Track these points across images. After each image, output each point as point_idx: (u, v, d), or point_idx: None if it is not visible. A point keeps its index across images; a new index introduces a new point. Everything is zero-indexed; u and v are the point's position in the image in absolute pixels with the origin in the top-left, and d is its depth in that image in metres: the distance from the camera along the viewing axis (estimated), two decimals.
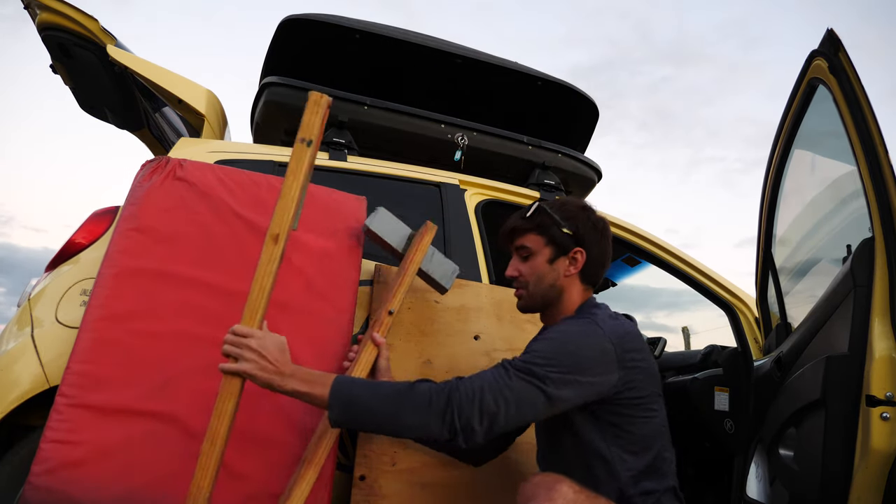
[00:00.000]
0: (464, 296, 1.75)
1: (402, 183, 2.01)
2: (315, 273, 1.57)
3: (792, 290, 1.98)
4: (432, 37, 2.37)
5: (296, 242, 1.57)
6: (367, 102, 2.16)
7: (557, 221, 1.34)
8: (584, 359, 1.17)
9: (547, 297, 1.35)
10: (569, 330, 1.24)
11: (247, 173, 1.71)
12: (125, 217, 1.52)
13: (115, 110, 2.51)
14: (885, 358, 1.28)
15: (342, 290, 1.59)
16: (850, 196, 1.57)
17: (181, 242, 1.51)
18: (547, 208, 1.36)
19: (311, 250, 1.60)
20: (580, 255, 1.34)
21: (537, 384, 1.13)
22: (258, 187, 1.65)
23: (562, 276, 1.34)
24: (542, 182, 2.29)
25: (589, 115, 2.58)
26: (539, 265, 1.34)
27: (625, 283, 3.16)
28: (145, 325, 1.38)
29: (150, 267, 1.45)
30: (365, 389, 1.14)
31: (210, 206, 1.58)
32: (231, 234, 1.55)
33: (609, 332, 1.22)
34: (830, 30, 1.48)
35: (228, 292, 1.45)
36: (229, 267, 1.50)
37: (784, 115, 1.91)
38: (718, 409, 1.97)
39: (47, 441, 1.22)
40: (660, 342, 2.24)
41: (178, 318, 1.41)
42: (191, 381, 1.34)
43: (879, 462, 1.23)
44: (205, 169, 1.66)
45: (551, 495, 1.04)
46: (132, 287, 1.42)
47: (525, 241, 1.36)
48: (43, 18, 2.04)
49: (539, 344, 1.22)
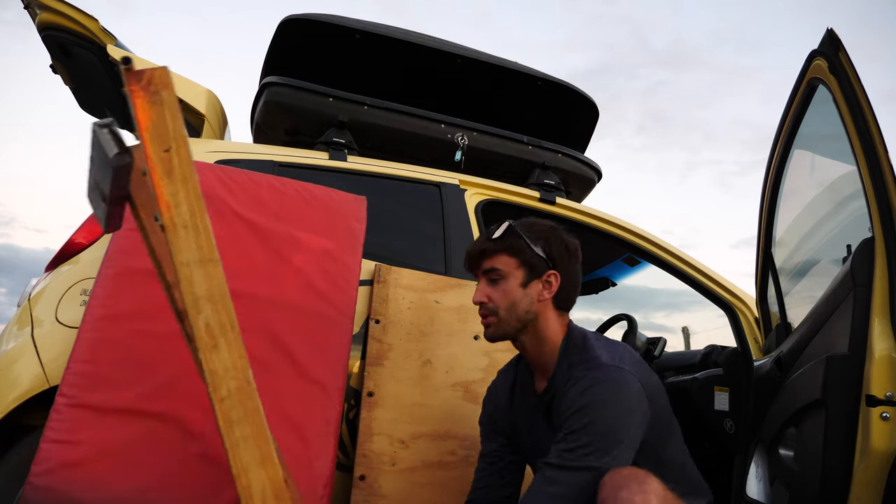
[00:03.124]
0: (464, 296, 1.75)
1: (403, 183, 2.01)
2: (315, 273, 1.57)
3: (792, 290, 1.98)
4: (432, 37, 2.37)
5: (295, 242, 1.58)
6: (367, 102, 2.16)
7: (529, 242, 1.25)
8: (626, 412, 1.12)
9: (520, 323, 1.25)
10: (598, 391, 1.13)
11: (247, 173, 1.70)
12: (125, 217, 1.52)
13: (115, 110, 2.51)
14: (885, 358, 1.28)
15: (343, 289, 1.58)
16: (849, 196, 1.57)
17: None
18: (517, 228, 1.27)
19: (310, 250, 1.60)
20: (554, 278, 1.26)
21: (598, 474, 1.07)
22: (258, 187, 1.65)
23: (536, 302, 1.25)
24: (542, 182, 2.29)
25: (589, 114, 2.58)
26: (512, 290, 1.24)
27: (625, 283, 3.16)
28: (145, 325, 1.37)
29: (150, 267, 1.45)
30: None
31: (210, 206, 1.57)
32: (230, 234, 1.54)
33: (630, 367, 1.17)
34: (830, 30, 1.47)
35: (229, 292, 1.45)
36: (229, 267, 1.48)
37: (784, 115, 1.90)
38: (718, 409, 1.97)
39: (47, 441, 1.21)
40: (660, 342, 2.24)
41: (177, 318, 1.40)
42: (190, 381, 1.32)
43: (879, 462, 1.23)
44: (205, 169, 1.65)
45: (644, 488, 0.99)
46: (132, 287, 1.41)
47: (496, 263, 1.26)
48: (43, 18, 2.04)
49: (574, 421, 1.12)
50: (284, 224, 1.61)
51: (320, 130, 2.12)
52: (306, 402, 1.39)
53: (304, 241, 1.60)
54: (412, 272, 1.74)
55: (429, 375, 1.63)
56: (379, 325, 1.64)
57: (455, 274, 1.83)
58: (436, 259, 1.88)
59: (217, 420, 0.84)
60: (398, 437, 1.56)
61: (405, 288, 1.71)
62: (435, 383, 1.63)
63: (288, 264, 1.54)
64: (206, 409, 1.27)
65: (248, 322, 1.40)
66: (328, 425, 1.41)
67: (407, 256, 1.87)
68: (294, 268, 1.55)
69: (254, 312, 1.44)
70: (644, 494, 0.98)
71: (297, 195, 1.70)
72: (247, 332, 1.40)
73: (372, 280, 1.71)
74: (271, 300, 1.48)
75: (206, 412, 1.27)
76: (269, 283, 1.50)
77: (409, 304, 1.69)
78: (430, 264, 1.86)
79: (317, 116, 2.12)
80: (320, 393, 1.40)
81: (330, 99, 2.12)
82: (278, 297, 1.49)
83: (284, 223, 1.61)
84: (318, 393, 1.40)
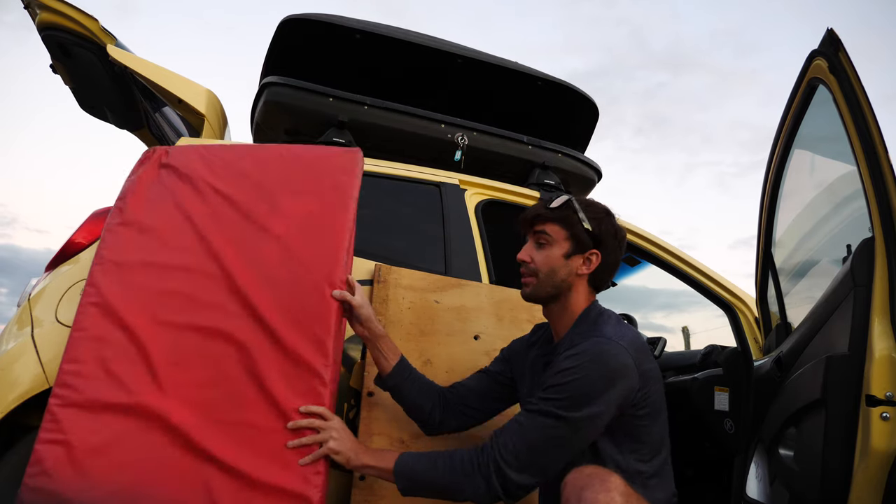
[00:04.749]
0: (464, 296, 1.75)
1: (402, 183, 2.01)
2: (299, 240, 1.45)
3: (792, 290, 1.98)
4: (432, 37, 2.37)
5: (276, 210, 1.48)
6: (367, 102, 2.16)
7: (582, 218, 1.33)
8: (605, 380, 1.18)
9: (555, 290, 1.34)
10: (584, 357, 1.20)
11: (232, 147, 1.65)
12: (113, 212, 1.51)
13: (115, 110, 2.51)
14: (885, 358, 1.28)
15: (329, 255, 1.43)
16: (849, 196, 1.57)
17: (164, 231, 1.47)
18: (575, 203, 1.36)
19: (292, 216, 1.48)
20: (595, 256, 1.34)
21: (564, 429, 1.17)
22: (241, 159, 1.60)
23: (573, 274, 1.33)
24: (542, 182, 2.29)
25: (589, 114, 2.58)
26: (554, 257, 1.33)
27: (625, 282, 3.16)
28: (131, 319, 1.35)
29: (135, 260, 1.43)
30: (423, 464, 1.23)
31: (192, 187, 1.53)
32: (211, 213, 1.49)
33: (628, 345, 1.22)
34: (830, 30, 1.48)
35: (208, 275, 1.40)
36: (210, 248, 1.44)
37: (784, 115, 1.90)
38: (718, 409, 1.97)
39: (41, 442, 1.21)
40: (660, 342, 2.24)
41: (160, 309, 1.37)
42: (175, 372, 1.31)
43: (879, 462, 1.23)
44: (189, 150, 1.62)
45: (606, 486, 1.02)
46: (118, 283, 1.39)
47: (546, 229, 1.35)
48: (43, 18, 2.04)
49: (557, 378, 1.21)
50: (266, 193, 1.52)
51: (320, 130, 2.12)
52: (294, 384, 1.30)
53: (285, 208, 1.49)
54: (412, 272, 1.74)
55: (429, 375, 1.62)
56: None
57: (455, 274, 1.83)
58: (436, 259, 1.88)
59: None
60: (398, 436, 1.56)
61: (405, 288, 1.71)
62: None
63: (268, 236, 1.45)
64: (193, 401, 1.27)
65: (231, 304, 1.37)
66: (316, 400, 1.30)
67: (407, 256, 1.87)
68: (275, 239, 1.45)
69: (236, 293, 1.38)
70: (607, 493, 1.01)
71: (279, 159, 1.62)
72: (231, 316, 1.35)
73: (372, 280, 1.71)
74: (253, 277, 1.40)
75: (194, 404, 1.27)
76: (249, 261, 1.42)
77: (410, 304, 1.69)
78: (431, 264, 1.86)
79: (317, 116, 2.12)
80: (307, 373, 1.30)
81: (330, 99, 2.12)
82: (260, 272, 1.41)
83: (266, 192, 1.52)
84: (305, 373, 1.30)
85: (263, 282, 1.39)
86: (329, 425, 1.25)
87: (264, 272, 1.41)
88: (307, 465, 1.23)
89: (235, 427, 1.26)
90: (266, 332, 1.34)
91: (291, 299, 1.38)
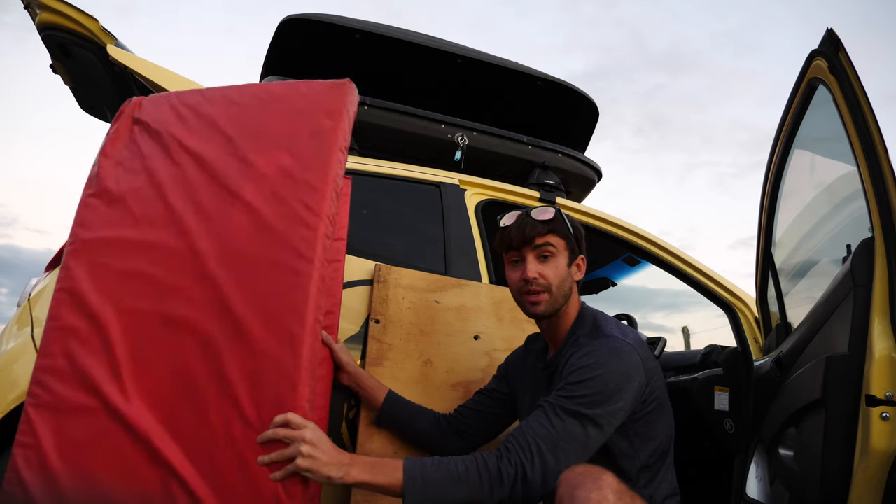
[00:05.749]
0: (464, 296, 1.75)
1: (402, 183, 2.01)
2: (269, 207, 1.20)
3: (792, 290, 1.98)
4: (432, 37, 2.37)
5: (247, 168, 1.25)
6: (367, 102, 2.16)
7: (569, 226, 1.37)
8: (622, 377, 1.19)
9: (564, 300, 1.35)
10: (599, 355, 1.21)
11: (205, 91, 1.42)
12: (87, 183, 1.35)
13: (115, 110, 2.51)
14: (885, 358, 1.28)
15: (304, 223, 1.17)
16: (849, 196, 1.57)
17: (131, 200, 1.27)
18: (562, 213, 1.39)
19: (263, 175, 1.23)
20: (582, 261, 1.39)
21: (588, 427, 1.15)
22: (213, 106, 1.37)
23: (573, 282, 1.37)
24: (542, 182, 2.29)
25: (589, 114, 2.58)
26: (562, 267, 1.34)
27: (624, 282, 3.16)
28: (94, 306, 1.18)
29: (101, 236, 1.25)
30: (436, 472, 1.08)
31: (161, 147, 1.32)
32: (180, 178, 1.28)
33: (634, 342, 1.25)
34: (830, 29, 1.48)
35: (173, 252, 1.21)
36: (176, 220, 1.23)
37: (784, 115, 1.90)
38: (718, 409, 1.97)
39: (17, 446, 1.11)
40: (660, 342, 2.24)
41: (123, 293, 1.20)
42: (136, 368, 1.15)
43: (879, 462, 1.23)
44: (160, 101, 1.43)
45: (599, 484, 1.02)
46: (84, 263, 1.22)
47: (550, 240, 1.34)
48: (43, 18, 2.04)
49: (575, 376, 1.20)
50: (238, 147, 1.29)
51: None
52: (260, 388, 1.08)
53: (256, 165, 1.25)
54: (412, 272, 1.74)
55: (429, 375, 1.63)
56: (379, 325, 1.64)
57: (455, 274, 1.83)
58: (436, 259, 1.88)
59: None
60: (398, 436, 1.56)
61: (405, 288, 1.71)
62: (435, 383, 1.63)
63: (236, 201, 1.21)
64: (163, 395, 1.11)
65: (196, 288, 1.17)
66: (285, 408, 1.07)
67: (407, 256, 1.87)
68: (244, 206, 1.20)
69: (202, 275, 1.17)
70: (599, 491, 1.01)
71: (255, 103, 1.37)
72: (194, 303, 1.15)
73: (372, 280, 1.70)
74: (216, 254, 1.18)
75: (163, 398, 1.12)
76: (213, 232, 1.20)
77: (410, 304, 1.69)
78: (431, 264, 1.86)
79: None
80: (275, 373, 1.08)
81: None
82: (223, 247, 1.18)
83: (238, 146, 1.29)
84: (272, 373, 1.08)
85: (231, 261, 1.16)
86: (298, 435, 1.04)
87: (232, 249, 1.17)
88: (279, 483, 1.03)
89: (196, 437, 1.08)
90: (231, 323, 1.12)
91: (260, 283, 1.13)
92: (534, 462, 1.11)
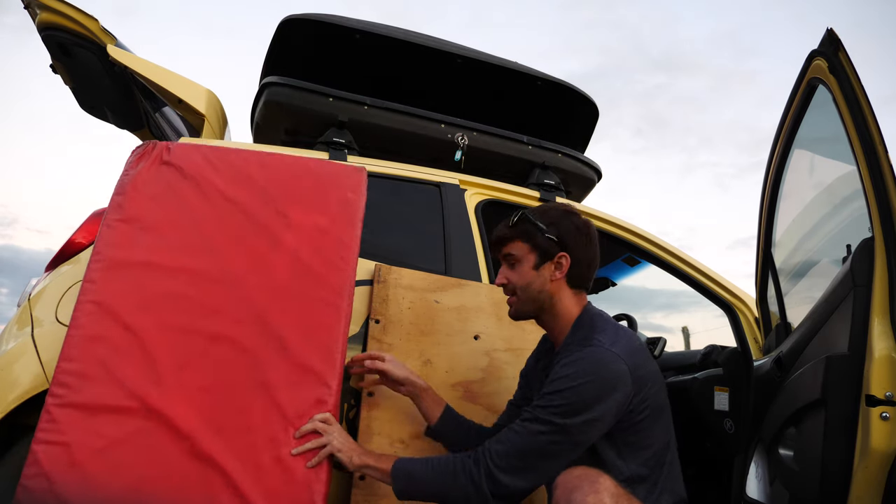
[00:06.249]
0: (464, 296, 1.75)
1: (402, 183, 2.01)
2: (308, 252, 1.49)
3: (792, 290, 1.97)
4: (432, 37, 2.37)
5: (286, 220, 1.51)
6: (367, 102, 2.16)
7: (540, 227, 1.35)
8: (601, 388, 1.18)
9: (537, 302, 1.37)
10: (581, 365, 1.21)
11: (236, 150, 1.65)
12: (112, 208, 1.49)
13: (115, 110, 2.51)
14: (885, 358, 1.28)
15: (339, 268, 1.49)
16: (849, 196, 1.57)
17: (167, 230, 1.46)
18: (529, 215, 1.38)
19: (302, 227, 1.52)
20: (564, 259, 1.35)
21: (557, 435, 1.17)
22: (246, 163, 1.60)
23: (548, 282, 1.35)
24: (542, 182, 2.29)
25: (589, 114, 2.58)
26: (525, 272, 1.36)
27: (624, 282, 3.16)
28: (132, 319, 1.34)
29: (137, 259, 1.42)
30: (419, 467, 1.27)
31: (196, 189, 1.53)
32: (217, 217, 1.49)
33: (622, 351, 1.23)
34: (830, 29, 1.47)
35: (214, 279, 1.42)
36: (216, 252, 1.45)
37: (784, 115, 1.90)
38: (718, 409, 1.97)
39: (38, 443, 1.20)
40: (660, 342, 2.24)
41: (164, 310, 1.37)
42: (179, 375, 1.31)
43: (879, 462, 1.23)
44: (191, 150, 1.61)
45: (596, 487, 1.03)
46: (118, 281, 1.38)
47: (511, 249, 1.39)
48: (43, 18, 2.04)
49: (553, 386, 1.22)
50: (274, 201, 1.54)
51: (320, 130, 2.12)
52: (300, 392, 1.33)
53: (294, 218, 1.52)
54: (412, 272, 1.74)
55: (429, 375, 1.63)
56: (379, 325, 1.64)
57: (455, 274, 1.83)
58: (436, 259, 1.88)
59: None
60: (398, 436, 1.56)
61: (405, 288, 1.71)
62: (435, 383, 1.63)
63: (278, 244, 1.47)
64: (194, 404, 1.26)
65: (239, 311, 1.38)
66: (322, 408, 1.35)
67: (407, 256, 1.87)
68: (285, 248, 1.47)
69: (244, 300, 1.40)
70: (596, 494, 1.01)
71: (286, 169, 1.63)
72: (237, 322, 1.37)
73: (372, 280, 1.71)
74: (262, 285, 1.43)
75: (194, 407, 1.27)
76: (258, 267, 1.45)
77: (410, 304, 1.69)
78: (431, 264, 1.86)
79: (317, 116, 2.12)
80: (315, 381, 1.34)
81: (330, 99, 2.12)
82: (269, 281, 1.43)
83: (274, 200, 1.54)
84: (312, 381, 1.33)
85: (273, 291, 1.42)
86: (331, 429, 1.31)
87: (274, 282, 1.43)
88: (310, 474, 1.25)
89: (239, 434, 1.27)
90: (274, 340, 1.36)
91: (300, 310, 1.41)
92: (500, 465, 1.18)
